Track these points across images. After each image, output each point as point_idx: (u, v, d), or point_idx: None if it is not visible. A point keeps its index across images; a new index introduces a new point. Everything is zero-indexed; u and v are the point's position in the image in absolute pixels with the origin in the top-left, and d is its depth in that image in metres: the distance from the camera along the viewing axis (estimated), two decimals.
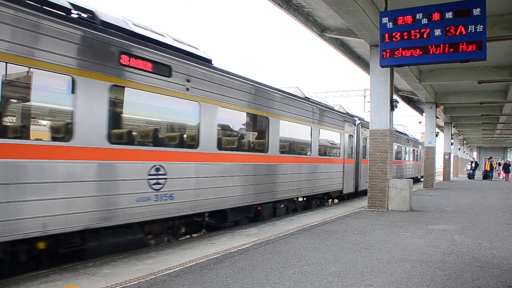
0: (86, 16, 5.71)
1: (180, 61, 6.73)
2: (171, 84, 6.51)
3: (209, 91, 7.34)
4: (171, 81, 6.51)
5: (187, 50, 7.19)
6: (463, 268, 4.92)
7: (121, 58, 5.70)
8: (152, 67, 6.17)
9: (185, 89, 6.81)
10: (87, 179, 5.20)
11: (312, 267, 4.84)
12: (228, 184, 7.82)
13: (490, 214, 10.15)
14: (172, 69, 6.53)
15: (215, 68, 7.61)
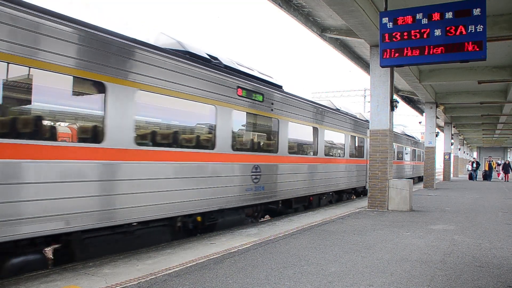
0: (216, 62, 8.06)
1: (268, 90, 9.31)
2: (263, 107, 9.09)
3: (283, 110, 9.88)
4: (263, 105, 9.10)
5: (267, 80, 9.71)
6: (463, 268, 4.92)
7: (238, 91, 8.24)
8: (253, 96, 8.76)
9: (270, 110, 9.38)
10: (222, 174, 7.73)
11: (312, 267, 4.84)
12: (294, 179, 10.38)
13: (490, 214, 10.15)
14: (264, 96, 9.10)
15: (285, 92, 10.23)
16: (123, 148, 5.71)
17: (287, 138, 10.00)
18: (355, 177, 14.99)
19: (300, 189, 10.69)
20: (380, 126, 10.85)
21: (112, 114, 5.54)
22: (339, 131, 13.42)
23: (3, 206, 4.34)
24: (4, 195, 4.34)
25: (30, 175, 4.56)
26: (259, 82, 9.11)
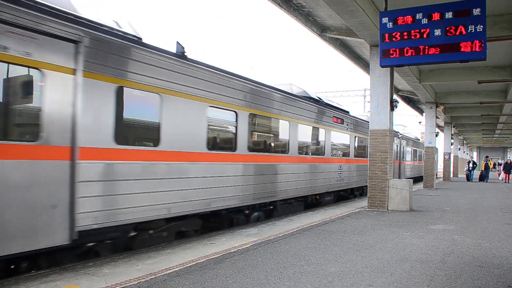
0: (321, 101, 12.86)
1: (345, 116, 14.53)
2: (343, 127, 14.20)
3: (353, 128, 15.12)
4: (343, 126, 14.25)
5: (342, 108, 14.84)
6: (463, 268, 4.92)
7: (333, 119, 13.29)
8: (341, 121, 13.96)
9: (346, 129, 14.49)
10: (327, 170, 12.65)
11: (312, 267, 4.84)
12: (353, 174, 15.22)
13: (490, 214, 10.15)
14: (343, 120, 14.20)
15: (351, 115, 15.51)
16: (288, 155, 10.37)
17: (353, 146, 15.30)
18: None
19: (354, 182, 15.47)
20: (380, 126, 10.85)
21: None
22: (364, 136, 16.62)
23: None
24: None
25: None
26: (339, 110, 14.17)
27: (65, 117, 4.95)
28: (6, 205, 4.35)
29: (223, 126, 8.18)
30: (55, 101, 4.84)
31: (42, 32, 4.69)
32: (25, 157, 4.52)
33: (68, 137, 4.97)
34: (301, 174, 11.00)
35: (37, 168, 4.64)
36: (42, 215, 4.67)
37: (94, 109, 5.29)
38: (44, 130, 4.71)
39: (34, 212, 4.60)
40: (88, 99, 5.20)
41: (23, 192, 4.50)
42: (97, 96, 5.33)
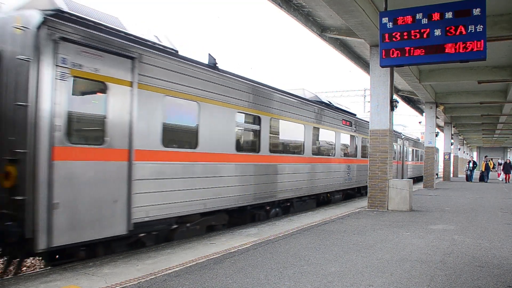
0: (331, 105, 13.78)
1: (354, 119, 15.35)
2: (352, 130, 15.04)
3: (359, 130, 15.75)
4: (351, 128, 14.98)
5: (350, 111, 15.63)
6: (463, 268, 4.92)
7: (342, 121, 14.06)
8: (349, 124, 14.77)
9: (354, 131, 15.26)
10: (337, 170, 13.54)
11: (312, 267, 4.84)
12: (359, 174, 15.82)
13: (490, 214, 10.15)
14: (352, 123, 15.01)
15: (358, 117, 16.29)
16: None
17: (360, 147, 16.03)
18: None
19: (361, 181, 15.97)
20: (380, 126, 10.85)
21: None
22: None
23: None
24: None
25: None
26: (347, 113, 15.02)
27: (124, 124, 5.72)
28: (80, 200, 5.10)
29: (248, 130, 9.11)
30: (117, 110, 5.61)
31: (107, 51, 5.47)
32: (94, 158, 5.31)
33: (126, 141, 5.75)
34: (315, 173, 11.80)
35: (103, 168, 5.41)
36: (107, 208, 5.45)
37: (146, 116, 6.09)
38: (108, 135, 5.49)
39: (101, 206, 5.37)
40: (141, 108, 5.98)
41: (93, 188, 5.25)
42: (148, 104, 6.12)
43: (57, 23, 4.92)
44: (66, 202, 4.95)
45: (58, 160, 4.87)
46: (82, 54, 5.16)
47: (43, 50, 4.78)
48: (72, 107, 5.13)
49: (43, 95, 4.79)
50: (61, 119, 4.94)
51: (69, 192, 4.99)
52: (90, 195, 5.22)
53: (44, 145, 4.77)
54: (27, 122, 4.74)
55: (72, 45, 5.05)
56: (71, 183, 5.02)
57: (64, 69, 4.97)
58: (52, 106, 4.84)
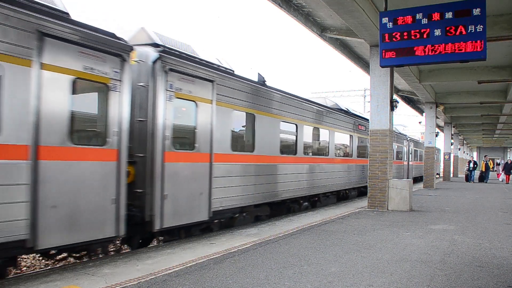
0: (349, 111, 15.31)
1: (366, 123, 14.89)
2: (366, 133, 14.52)
3: (364, 132, 16.23)
4: (366, 132, 14.72)
5: (364, 117, 16.62)
6: (463, 268, 4.92)
7: (358, 126, 15.37)
8: (364, 128, 15.77)
9: (367, 134, 13.15)
10: (353, 169, 15.07)
11: (312, 267, 4.84)
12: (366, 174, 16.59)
13: (490, 214, 10.15)
14: (366, 127, 15.21)
15: (366, 118, 16.75)
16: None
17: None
18: (398, 173, 23.13)
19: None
20: (380, 126, 10.85)
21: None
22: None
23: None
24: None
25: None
26: (362, 119, 16.09)
27: (207, 133, 7.24)
28: (180, 192, 6.59)
29: (289, 136, 10.56)
30: (203, 123, 7.17)
31: (197, 77, 7.03)
32: (188, 160, 6.86)
33: (208, 146, 7.25)
34: (336, 172, 13.48)
35: (194, 168, 6.96)
36: (196, 199, 6.98)
37: (220, 127, 7.55)
38: (197, 142, 7.03)
39: (193, 197, 6.91)
40: (217, 120, 7.47)
41: (187, 183, 6.78)
42: (221, 117, 7.63)
43: (167, 58, 6.43)
44: (171, 194, 6.43)
45: (167, 162, 6.38)
46: (181, 80, 6.70)
47: (157, 79, 6.27)
48: (175, 121, 6.65)
49: (158, 113, 6.25)
50: (169, 130, 6.44)
51: (173, 186, 6.47)
52: (186, 189, 6.74)
53: (159, 150, 6.27)
54: (146, 133, 6.24)
55: (176, 74, 6.60)
56: (175, 179, 6.52)
57: (171, 92, 6.50)
58: (164, 121, 6.33)
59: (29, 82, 4.56)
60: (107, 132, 5.50)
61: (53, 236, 4.78)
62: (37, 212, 4.59)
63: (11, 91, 4.39)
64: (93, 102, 5.65)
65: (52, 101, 4.79)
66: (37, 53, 4.62)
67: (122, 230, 5.61)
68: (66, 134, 4.94)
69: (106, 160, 5.47)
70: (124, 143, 5.70)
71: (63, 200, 4.88)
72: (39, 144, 4.64)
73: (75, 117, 5.12)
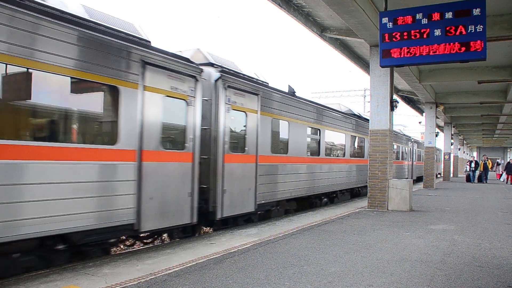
0: (359, 115, 16.46)
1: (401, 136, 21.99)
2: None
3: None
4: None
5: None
6: (463, 268, 4.92)
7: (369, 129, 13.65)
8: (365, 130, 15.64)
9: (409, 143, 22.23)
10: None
11: (312, 267, 4.84)
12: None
13: (490, 214, 10.15)
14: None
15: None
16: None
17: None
18: (402, 172, 24.65)
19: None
20: (380, 126, 10.84)
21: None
22: (400, 145, 22.97)
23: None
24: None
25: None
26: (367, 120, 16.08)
27: (254, 138, 8.59)
28: (234, 188, 7.91)
29: (314, 139, 12.00)
30: (251, 130, 8.54)
31: (246, 91, 8.40)
32: (240, 161, 8.20)
33: (254, 149, 8.62)
34: (351, 171, 14.76)
35: (244, 167, 8.30)
36: (246, 194, 8.36)
37: (263, 132, 8.92)
38: (247, 146, 8.43)
39: (243, 192, 8.29)
40: (261, 127, 8.85)
41: (241, 180, 8.18)
42: (264, 125, 9.02)
43: (225, 77, 7.74)
44: (229, 189, 7.74)
45: (226, 163, 7.68)
46: (235, 95, 8.03)
47: (219, 94, 7.58)
48: (231, 129, 7.98)
49: (219, 122, 7.55)
50: (227, 136, 7.73)
51: (230, 183, 7.78)
52: (238, 185, 8.07)
53: (220, 153, 7.55)
54: (210, 139, 7.50)
55: (232, 90, 7.94)
56: (231, 177, 7.82)
57: (228, 105, 7.80)
58: (223, 129, 7.62)
59: (136, 101, 5.80)
60: (185, 139, 6.82)
61: (151, 221, 6.05)
62: (140, 202, 5.82)
63: (125, 108, 5.62)
64: (176, 115, 6.85)
65: (150, 115, 6.04)
66: (141, 77, 5.88)
67: (195, 218, 6.96)
68: (159, 140, 6.22)
69: (185, 162, 6.80)
70: (197, 147, 7.00)
71: (157, 193, 6.13)
72: (142, 149, 5.89)
73: (164, 127, 6.36)
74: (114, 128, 5.54)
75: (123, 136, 5.59)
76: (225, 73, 7.79)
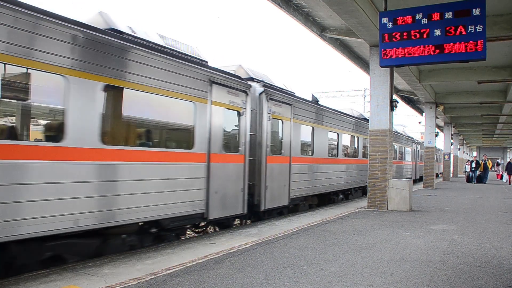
0: (362, 117, 17.35)
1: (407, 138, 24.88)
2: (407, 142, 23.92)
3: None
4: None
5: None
6: (463, 268, 4.92)
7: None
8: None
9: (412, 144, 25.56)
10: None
11: (312, 267, 4.84)
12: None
13: (490, 214, 10.16)
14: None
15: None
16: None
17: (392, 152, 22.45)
18: (407, 171, 26.52)
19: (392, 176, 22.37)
20: (380, 126, 10.85)
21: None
22: (405, 146, 24.74)
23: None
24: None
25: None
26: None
27: (287, 141, 10.06)
28: (273, 184, 9.31)
29: (333, 143, 13.48)
30: (285, 134, 10.01)
31: (283, 102, 9.86)
32: (278, 161, 9.61)
33: (288, 151, 10.04)
34: (363, 171, 15.55)
35: (281, 167, 9.74)
36: (282, 189, 9.81)
37: (294, 137, 10.39)
38: (282, 148, 9.88)
39: (280, 188, 9.73)
40: (293, 132, 10.32)
41: (278, 178, 9.62)
42: (295, 130, 10.47)
43: (268, 91, 9.22)
44: (270, 185, 9.16)
45: (268, 163, 9.12)
46: (275, 105, 9.46)
47: (263, 106, 9.05)
48: (271, 134, 9.35)
49: (263, 129, 9.00)
50: (269, 141, 9.15)
51: (270, 180, 9.21)
52: (277, 182, 9.46)
53: (263, 155, 8.97)
54: (255, 143, 8.91)
55: (272, 101, 9.36)
56: (271, 175, 9.24)
57: (269, 114, 9.24)
58: (266, 134, 9.04)
59: (206, 113, 7.20)
60: (239, 143, 8.28)
61: (215, 211, 7.44)
62: (208, 195, 7.19)
63: (199, 120, 7.06)
64: (232, 124, 8.26)
65: (215, 125, 7.41)
66: (209, 94, 7.26)
67: (246, 209, 8.38)
68: (222, 145, 7.59)
69: (239, 162, 8.20)
70: (247, 150, 8.44)
71: (219, 188, 7.51)
72: (210, 152, 7.24)
73: (225, 134, 7.76)
74: (192, 136, 6.96)
75: (197, 142, 7.02)
76: (267, 87, 9.26)
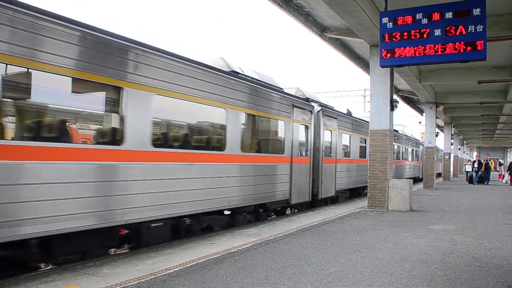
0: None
1: (397, 134, 22.22)
2: (396, 141, 22.63)
3: (400, 141, 23.59)
4: (396, 140, 21.98)
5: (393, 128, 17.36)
6: (463, 268, 4.92)
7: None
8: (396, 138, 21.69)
9: (396, 141, 22.51)
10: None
11: (312, 267, 4.84)
12: (397, 171, 22.95)
13: (490, 214, 10.15)
14: (398, 137, 23.40)
15: (400, 133, 25.13)
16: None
17: (396, 152, 22.96)
18: (412, 171, 28.36)
19: (403, 175, 24.61)
20: (380, 126, 10.84)
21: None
22: (401, 145, 25.23)
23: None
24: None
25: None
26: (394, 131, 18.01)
27: (335, 147, 13.08)
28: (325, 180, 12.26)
29: (361, 146, 16.09)
30: (333, 141, 12.99)
31: (332, 117, 12.90)
32: (328, 162, 12.55)
33: (335, 154, 13.07)
34: None
35: (330, 167, 12.66)
36: (330, 183, 12.73)
37: (339, 142, 13.35)
38: (332, 152, 12.86)
39: (330, 182, 12.63)
40: (338, 139, 13.21)
41: (329, 175, 12.60)
42: (339, 137, 13.44)
43: (324, 109, 12.31)
44: (324, 181, 12.08)
45: (323, 163, 12.02)
46: (327, 120, 12.43)
47: (320, 121, 12.00)
48: (325, 142, 12.32)
49: (321, 138, 11.95)
50: (324, 147, 12.04)
51: (324, 177, 12.08)
52: (328, 178, 12.41)
53: (321, 157, 11.91)
54: (315, 149, 11.78)
55: (326, 117, 12.36)
56: (325, 173, 12.12)
57: (324, 127, 12.17)
58: (322, 142, 11.98)
59: (290, 128, 10.37)
60: (307, 149, 11.34)
61: (295, 198, 10.52)
62: (291, 187, 10.28)
63: (286, 132, 10.21)
64: (303, 135, 11.28)
65: (295, 136, 10.58)
66: (292, 115, 10.44)
67: (310, 198, 11.48)
68: (298, 150, 10.73)
69: (307, 163, 11.29)
70: (311, 154, 11.55)
71: (297, 182, 10.57)
72: (292, 156, 10.36)
73: (300, 142, 10.89)
74: (283, 144, 10.11)
75: (286, 149, 10.16)
76: (322, 106, 12.36)
